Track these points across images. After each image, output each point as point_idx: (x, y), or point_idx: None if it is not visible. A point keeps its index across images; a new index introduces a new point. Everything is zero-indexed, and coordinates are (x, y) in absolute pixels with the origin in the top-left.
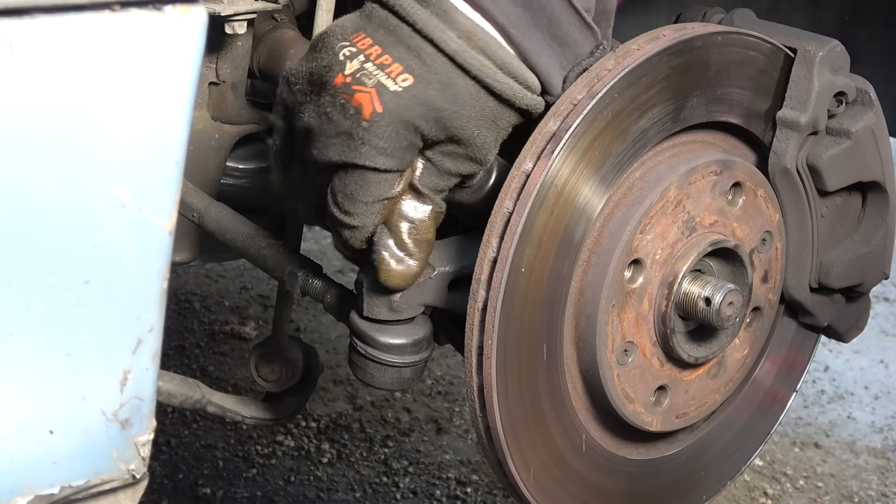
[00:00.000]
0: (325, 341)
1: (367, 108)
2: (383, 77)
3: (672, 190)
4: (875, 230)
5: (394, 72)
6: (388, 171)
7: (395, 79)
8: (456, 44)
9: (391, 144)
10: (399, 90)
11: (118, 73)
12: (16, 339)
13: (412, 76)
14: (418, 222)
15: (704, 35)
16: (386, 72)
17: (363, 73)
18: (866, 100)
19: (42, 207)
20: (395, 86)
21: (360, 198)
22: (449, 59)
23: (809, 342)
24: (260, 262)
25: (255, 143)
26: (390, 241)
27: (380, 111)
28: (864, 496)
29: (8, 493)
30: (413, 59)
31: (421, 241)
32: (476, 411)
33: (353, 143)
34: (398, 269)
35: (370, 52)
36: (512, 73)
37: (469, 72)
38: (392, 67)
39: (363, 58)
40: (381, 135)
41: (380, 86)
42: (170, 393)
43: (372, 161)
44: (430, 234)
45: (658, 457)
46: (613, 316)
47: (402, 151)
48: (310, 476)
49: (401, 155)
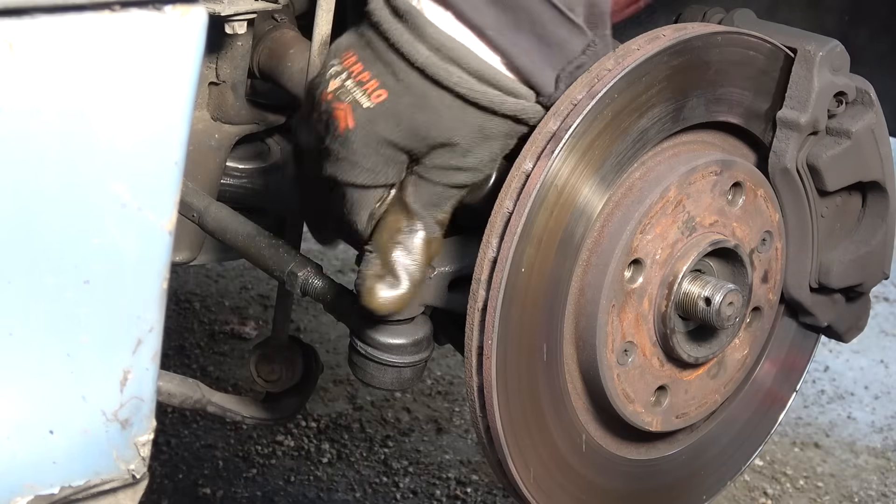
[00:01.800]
0: (325, 341)
1: (342, 124)
2: (359, 94)
3: (672, 190)
4: (875, 230)
5: (370, 88)
6: (364, 188)
7: (370, 95)
8: (424, 57)
9: (365, 159)
10: (371, 106)
11: (118, 73)
12: (16, 339)
13: (386, 91)
14: (408, 245)
15: (704, 35)
16: (363, 88)
17: (342, 91)
18: (866, 100)
19: (42, 207)
20: (369, 102)
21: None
22: (419, 72)
23: (809, 342)
24: (260, 262)
25: (255, 143)
26: (377, 264)
27: (351, 127)
28: (864, 496)
29: (8, 493)
30: (388, 75)
31: (409, 265)
32: (476, 411)
33: (332, 158)
34: (382, 293)
35: (353, 70)
36: (488, 79)
37: (440, 83)
38: (369, 84)
39: (345, 75)
40: (353, 150)
41: (354, 102)
42: (170, 393)
43: (346, 175)
44: (420, 259)
45: (658, 457)
46: (613, 316)
47: (379, 166)
48: (310, 476)
49: (377, 169)
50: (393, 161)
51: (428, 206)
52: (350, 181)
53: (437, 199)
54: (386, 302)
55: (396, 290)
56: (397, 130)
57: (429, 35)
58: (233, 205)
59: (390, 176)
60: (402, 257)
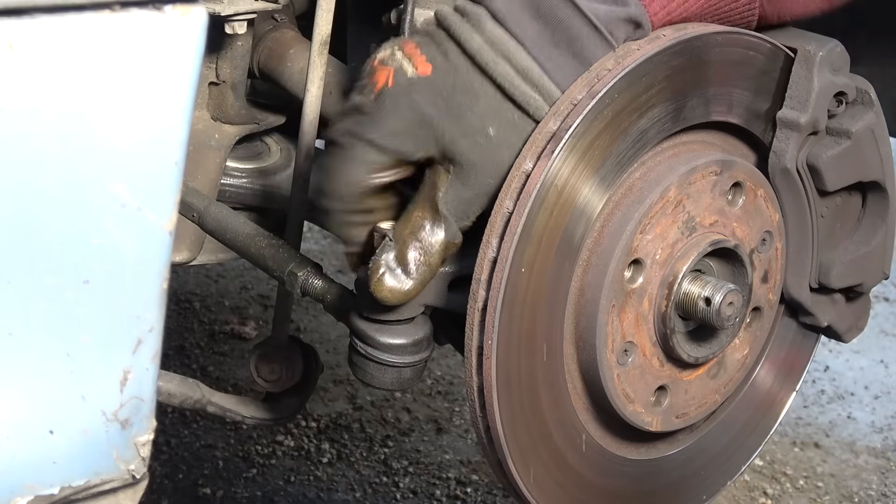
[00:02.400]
0: (325, 341)
1: (380, 84)
2: (406, 63)
3: (672, 190)
4: (875, 230)
5: (418, 62)
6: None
7: (416, 66)
8: (478, 44)
9: (389, 119)
10: (415, 76)
11: (118, 73)
12: (16, 340)
13: (432, 67)
14: (427, 245)
15: (704, 35)
16: (411, 61)
17: (390, 57)
18: (866, 100)
19: (42, 207)
20: (413, 72)
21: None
22: (469, 58)
23: (809, 342)
24: (260, 262)
25: (255, 143)
26: (392, 254)
27: (390, 86)
28: (864, 496)
29: (8, 493)
30: (438, 55)
31: (423, 265)
32: (476, 411)
33: (357, 116)
34: (390, 283)
35: (406, 46)
36: (534, 81)
37: (485, 71)
38: (418, 59)
39: (398, 49)
40: (383, 107)
41: (399, 68)
42: (170, 393)
43: (365, 131)
44: (434, 261)
45: (658, 457)
46: (613, 316)
47: (400, 130)
48: (310, 476)
49: (395, 132)
50: (414, 134)
51: (456, 212)
52: (363, 135)
53: (466, 205)
54: (391, 294)
55: (404, 285)
56: (433, 105)
57: (487, 29)
58: (233, 205)
59: (405, 149)
60: (418, 254)
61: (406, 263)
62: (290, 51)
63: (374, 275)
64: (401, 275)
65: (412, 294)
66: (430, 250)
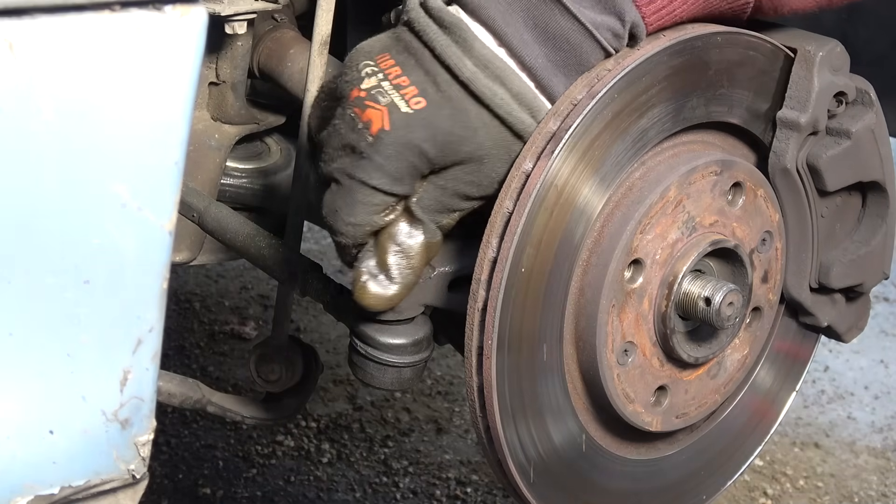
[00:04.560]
0: (325, 341)
1: (376, 125)
2: (397, 98)
3: (672, 190)
4: (875, 230)
5: (408, 94)
6: (380, 192)
7: (408, 101)
8: (471, 72)
9: (391, 164)
10: (410, 112)
11: (118, 74)
12: (16, 340)
13: (425, 100)
14: (406, 248)
15: (704, 35)
16: (401, 93)
17: (378, 91)
18: (866, 100)
19: (42, 207)
20: (407, 108)
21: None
22: (463, 86)
23: (809, 342)
24: (260, 262)
25: (255, 143)
26: (373, 262)
27: (387, 129)
28: (864, 496)
29: (8, 493)
30: (429, 84)
31: (405, 269)
32: (476, 411)
33: (354, 156)
34: (374, 291)
35: (390, 72)
36: (528, 104)
37: (481, 100)
38: (408, 90)
39: (382, 76)
40: (383, 152)
41: (392, 105)
42: (170, 393)
43: (368, 177)
44: (416, 263)
45: (658, 457)
46: (613, 316)
47: (401, 173)
48: (310, 476)
49: (398, 176)
50: (416, 170)
51: (432, 212)
52: (366, 181)
53: (443, 206)
54: (375, 301)
55: (387, 290)
56: (431, 140)
57: (476, 51)
58: (233, 205)
59: (408, 186)
60: (398, 259)
61: (388, 269)
62: (290, 51)
63: (356, 283)
64: (384, 280)
65: (396, 299)
66: (410, 253)
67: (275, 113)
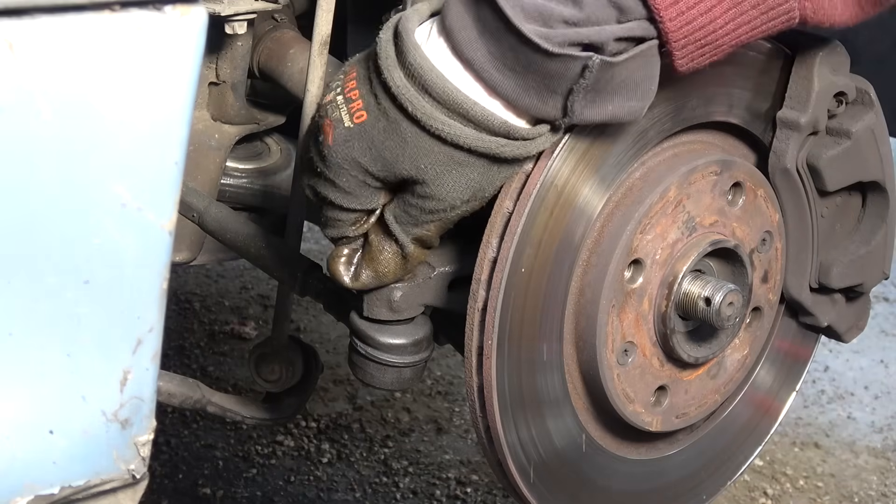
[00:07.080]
0: (325, 341)
1: (328, 139)
2: (344, 111)
3: (672, 190)
4: (875, 230)
5: (354, 108)
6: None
7: (353, 114)
8: (398, 84)
9: (340, 179)
10: (350, 126)
11: (118, 74)
12: (16, 340)
13: (366, 114)
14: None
15: None
16: (349, 107)
17: (332, 105)
18: (866, 100)
19: (42, 208)
20: (350, 121)
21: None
22: (392, 99)
23: (809, 342)
24: (260, 262)
25: (255, 143)
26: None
27: (330, 144)
28: (864, 496)
29: (8, 493)
30: (370, 97)
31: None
32: (476, 411)
33: (313, 170)
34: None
35: (348, 85)
36: (464, 112)
37: (407, 111)
38: (355, 103)
39: (340, 89)
40: (329, 167)
41: (337, 120)
42: (170, 393)
43: (324, 190)
44: (384, 270)
45: (658, 457)
46: (613, 316)
47: (353, 188)
48: (310, 476)
49: (351, 191)
50: (366, 185)
51: (404, 224)
52: (326, 197)
53: (413, 219)
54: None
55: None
56: (369, 155)
57: (408, 60)
58: (233, 205)
59: (364, 201)
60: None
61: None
62: (290, 51)
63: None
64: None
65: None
66: (376, 259)
67: (275, 113)
